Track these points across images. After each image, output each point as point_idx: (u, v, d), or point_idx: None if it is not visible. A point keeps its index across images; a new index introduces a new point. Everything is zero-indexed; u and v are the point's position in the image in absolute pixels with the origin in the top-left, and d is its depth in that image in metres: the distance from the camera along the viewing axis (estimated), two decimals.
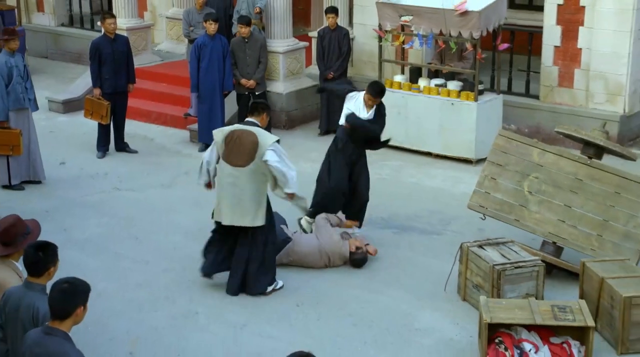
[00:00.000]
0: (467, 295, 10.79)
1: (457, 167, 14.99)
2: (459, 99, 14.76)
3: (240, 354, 9.87)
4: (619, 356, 9.68)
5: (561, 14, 15.35)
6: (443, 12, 14.32)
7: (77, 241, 12.34)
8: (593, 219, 11.11)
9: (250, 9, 16.17)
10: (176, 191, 14.22)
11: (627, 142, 15.38)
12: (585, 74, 15.36)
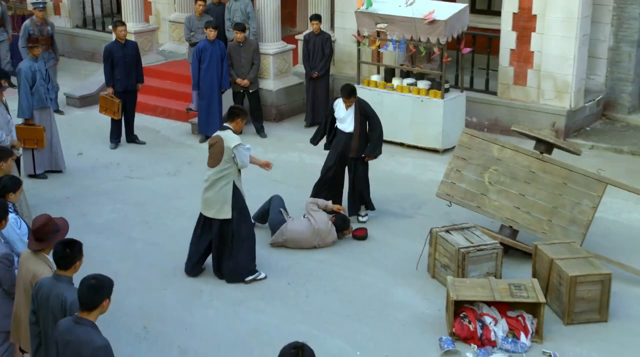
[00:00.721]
0: (436, 273, 10.84)
1: (426, 156, 14.93)
2: (427, 96, 14.76)
3: (239, 328, 9.89)
4: (565, 326, 9.85)
5: (516, 21, 15.35)
6: (414, 20, 14.27)
7: (94, 225, 12.33)
8: (544, 206, 11.16)
9: (244, 17, 16.08)
10: (181, 178, 14.14)
11: (572, 133, 15.49)
12: (537, 74, 15.40)
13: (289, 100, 16.76)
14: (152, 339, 9.54)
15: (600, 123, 16.22)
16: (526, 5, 15.20)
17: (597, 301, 9.89)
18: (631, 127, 16.07)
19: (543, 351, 9.39)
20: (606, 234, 12.02)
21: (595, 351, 9.47)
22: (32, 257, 7.57)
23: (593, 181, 11.11)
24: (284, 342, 9.49)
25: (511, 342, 9.43)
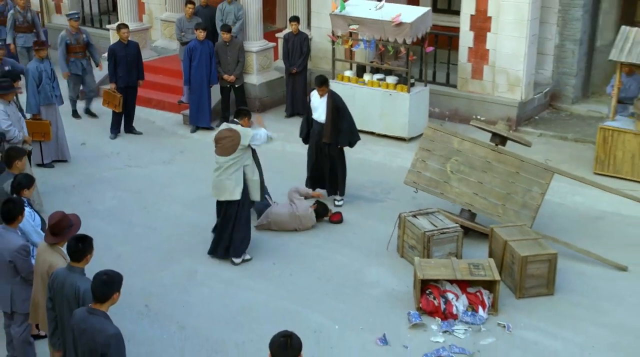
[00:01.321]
0: (404, 253, 10.91)
1: (394, 144, 14.90)
2: (395, 90, 14.76)
3: (231, 305, 9.93)
4: (517, 300, 9.99)
5: (473, 22, 15.34)
6: (382, 23, 14.27)
7: (98, 211, 12.28)
8: (499, 193, 11.21)
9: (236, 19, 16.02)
10: (174, 166, 14.09)
11: (523, 122, 15.51)
12: (492, 70, 15.40)
13: (270, 93, 16.73)
14: (153, 316, 9.57)
15: (548, 113, 16.25)
16: (482, 8, 15.18)
17: (544, 277, 10.03)
18: (574, 116, 16.08)
19: (498, 322, 9.53)
20: (553, 215, 12.05)
21: (542, 321, 9.61)
22: (49, 250, 7.63)
23: (542, 170, 11.19)
24: (271, 318, 9.56)
25: (470, 315, 9.57)
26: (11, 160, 9.24)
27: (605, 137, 13.27)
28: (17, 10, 15.93)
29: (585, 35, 15.92)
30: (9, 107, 11.46)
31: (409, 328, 9.46)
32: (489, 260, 10.04)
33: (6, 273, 8.09)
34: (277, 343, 5.74)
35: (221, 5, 16.24)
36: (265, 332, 8.95)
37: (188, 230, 11.70)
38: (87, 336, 6.35)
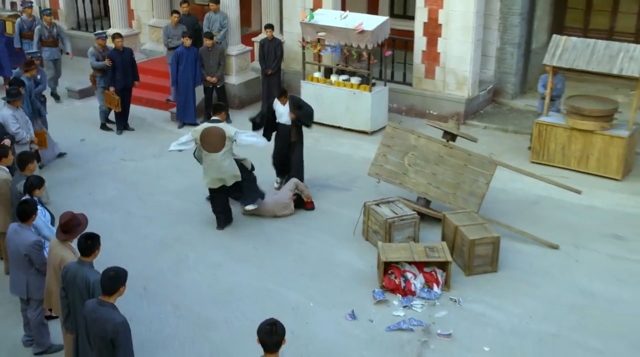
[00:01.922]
0: (369, 237, 10.94)
1: (358, 137, 14.88)
2: (358, 89, 14.77)
3: (219, 286, 9.96)
4: (466, 277, 10.11)
5: (426, 29, 15.38)
6: (347, 30, 14.29)
7: (99, 202, 12.19)
8: (450, 183, 11.28)
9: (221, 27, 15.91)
10: (164, 160, 13.81)
11: (470, 116, 15.57)
12: (443, 70, 15.45)
13: (248, 92, 16.67)
14: (151, 297, 9.59)
15: (491, 107, 16.31)
16: (434, 17, 15.23)
17: (489, 257, 10.16)
18: (514, 110, 16.15)
19: (450, 297, 9.65)
20: (495, 201, 12.02)
21: (488, 295, 9.72)
22: (60, 245, 7.66)
23: (486, 163, 11.30)
24: (254, 297, 9.68)
25: (427, 292, 9.67)
26: (24, 164, 9.15)
27: (540, 131, 13.36)
28: (44, 26, 15.64)
29: (523, 39, 16.00)
30: (17, 112, 11.35)
31: (374, 304, 9.52)
32: (442, 243, 10.14)
33: (22, 265, 8.12)
34: (264, 330, 5.79)
35: (208, 14, 16.11)
36: (249, 310, 9.37)
37: (179, 218, 11.65)
38: (98, 324, 6.44)
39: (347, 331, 9.06)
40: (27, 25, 16.09)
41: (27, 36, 16.13)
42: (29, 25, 16.10)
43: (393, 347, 8.80)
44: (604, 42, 12.86)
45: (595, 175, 13.10)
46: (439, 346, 8.82)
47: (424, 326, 9.13)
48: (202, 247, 10.91)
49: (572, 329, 9.08)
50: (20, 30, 16.15)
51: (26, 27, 16.08)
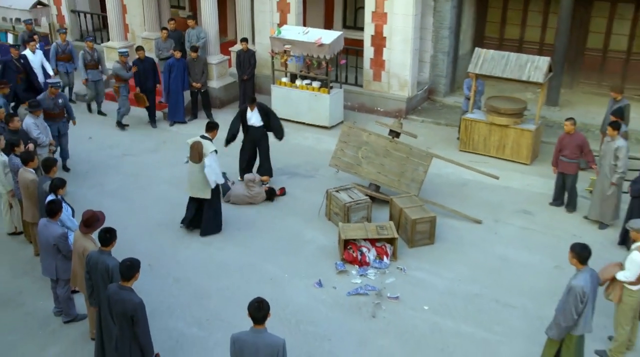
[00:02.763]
0: (331, 218, 11.01)
1: (319, 131, 14.83)
2: (319, 92, 14.82)
3: (210, 262, 9.97)
4: (409, 249, 10.24)
5: (373, 40, 15.39)
6: (308, 44, 14.34)
7: (107, 191, 12.11)
8: (395, 171, 11.36)
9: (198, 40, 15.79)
10: (159, 154, 13.75)
11: (410, 112, 15.65)
12: (387, 74, 15.52)
13: (227, 94, 16.63)
14: (155, 272, 9.60)
15: (426, 104, 16.34)
16: (379, 31, 15.27)
17: (428, 232, 10.35)
18: (445, 106, 16.15)
19: (397, 266, 9.82)
20: (432, 183, 12.07)
21: (426, 262, 9.94)
22: (83, 237, 7.78)
23: (424, 155, 11.37)
24: (239, 270, 9.84)
25: (378, 262, 9.85)
26: (48, 167, 9.15)
27: (466, 125, 13.51)
28: (86, 51, 15.15)
29: (451, 48, 16.11)
30: (38, 120, 11.23)
31: (336, 274, 9.65)
32: (390, 223, 10.25)
33: (51, 252, 8.21)
34: (253, 307, 6.03)
35: (188, 30, 16.04)
36: (237, 281, 9.47)
37: (174, 205, 11.43)
38: (119, 304, 6.63)
39: (316, 297, 9.18)
40: (62, 49, 15.51)
41: (62, 58, 15.58)
42: (63, 49, 15.52)
43: (353, 308, 8.94)
44: (515, 54, 13.04)
45: (510, 161, 13.19)
46: (389, 307, 8.99)
47: (376, 291, 9.26)
48: (195, 230, 10.76)
49: (491, 288, 9.34)
50: (55, 53, 15.56)
51: (60, 51, 15.50)
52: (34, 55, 14.62)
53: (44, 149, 11.27)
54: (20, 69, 13.81)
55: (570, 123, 11.06)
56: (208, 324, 8.66)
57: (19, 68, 13.78)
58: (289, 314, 8.80)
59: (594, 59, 16.19)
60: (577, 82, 16.46)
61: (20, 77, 13.72)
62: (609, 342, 8.28)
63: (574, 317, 7.06)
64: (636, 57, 15.79)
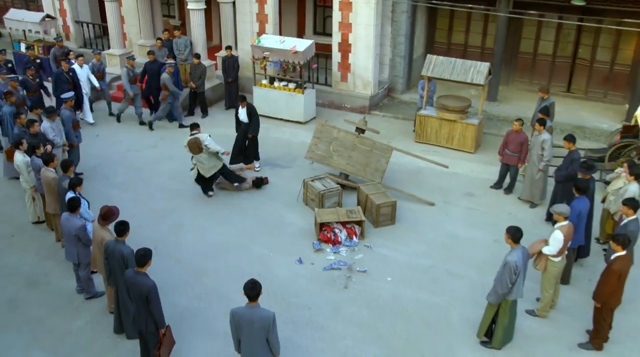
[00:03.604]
0: (308, 203, 11.06)
1: (295, 126, 14.73)
2: (294, 92, 14.82)
3: (206, 244, 10.00)
4: (375, 229, 10.36)
5: (340, 47, 15.44)
6: (284, 51, 14.36)
7: (115, 184, 12.00)
8: (361, 162, 11.45)
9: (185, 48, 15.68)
10: (158, 150, 13.55)
11: (373, 108, 15.61)
12: (353, 76, 15.57)
13: (214, 94, 16.49)
14: (160, 254, 9.56)
15: (387, 100, 16.32)
16: (345, 39, 15.33)
17: (389, 214, 10.50)
18: (402, 102, 16.13)
19: (364, 244, 9.97)
20: (392, 171, 12.15)
21: (389, 240, 10.07)
22: (101, 228, 7.91)
23: (386, 148, 11.49)
24: (232, 250, 9.83)
25: (349, 241, 9.99)
26: (66, 168, 9.23)
27: (420, 120, 13.62)
28: (129, 68, 14.65)
29: (407, 52, 16.20)
30: (54, 123, 11.10)
31: (313, 252, 9.79)
32: (358, 207, 10.34)
33: (73, 241, 8.35)
34: (247, 287, 6.27)
35: (175, 39, 15.93)
36: (230, 260, 9.51)
37: (173, 195, 11.51)
38: (136, 287, 6.83)
39: (297, 272, 9.32)
40: (97, 68, 15.06)
41: (97, 77, 15.12)
42: (98, 68, 15.06)
43: (328, 281, 9.14)
44: (461, 60, 13.25)
45: (457, 150, 13.32)
46: (358, 279, 9.18)
47: (347, 265, 9.42)
48: (192, 215, 10.86)
49: (443, 261, 9.58)
50: (91, 72, 15.08)
51: (96, 69, 15.05)
52: (81, 69, 14.36)
53: (58, 149, 11.25)
54: (69, 80, 13.64)
55: (518, 123, 11.24)
56: (207, 298, 8.78)
57: (68, 80, 13.59)
58: (275, 288, 8.92)
59: (526, 61, 16.55)
60: (512, 80, 16.80)
61: (69, 88, 13.52)
62: (536, 302, 8.71)
63: (509, 286, 7.52)
64: (560, 60, 16.22)
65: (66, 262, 9.21)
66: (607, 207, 9.80)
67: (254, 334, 6.32)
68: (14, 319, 8.40)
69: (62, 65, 13.81)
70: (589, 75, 15.83)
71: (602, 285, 7.56)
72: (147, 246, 9.04)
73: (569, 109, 15.26)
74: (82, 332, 8.17)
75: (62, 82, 13.64)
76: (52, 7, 19.25)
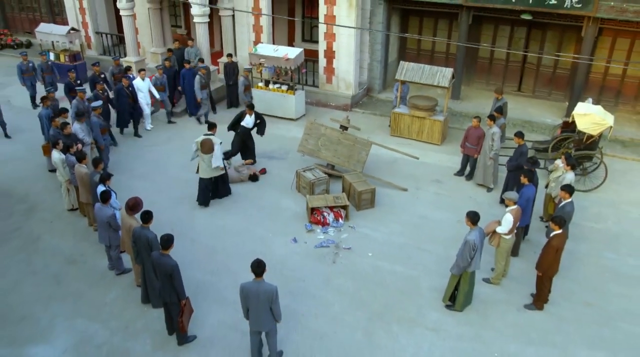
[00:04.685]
0: (300, 190, 11.12)
1: (287, 123, 14.64)
2: (286, 93, 14.72)
3: (215, 227, 10.01)
4: (357, 212, 10.39)
5: (326, 53, 15.46)
6: (278, 58, 14.40)
7: (137, 174, 11.93)
8: (345, 154, 11.50)
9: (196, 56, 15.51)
10: (171, 144, 13.45)
11: (354, 106, 15.67)
12: (337, 78, 15.62)
13: (217, 95, 16.34)
14: (177, 235, 8.81)
15: (366, 99, 16.30)
16: (330, 47, 15.39)
17: (370, 200, 10.56)
18: (379, 101, 16.10)
19: (349, 225, 10.03)
20: (371, 161, 12.16)
21: (370, 222, 10.11)
22: (128, 217, 8.02)
23: (366, 143, 11.55)
24: (237, 233, 9.89)
25: (336, 223, 10.05)
26: (97, 164, 9.27)
27: (395, 117, 13.72)
28: (201, 76, 14.25)
29: (383, 57, 16.21)
30: (82, 125, 11.14)
31: (306, 232, 9.85)
32: (343, 194, 10.50)
33: (105, 227, 8.54)
34: (254, 265, 6.46)
35: (187, 48, 15.88)
36: (237, 241, 9.57)
37: (186, 184, 11.41)
38: (161, 266, 7.02)
39: (292, 250, 9.39)
40: (160, 81, 14.44)
41: (158, 89, 14.54)
42: (161, 81, 14.45)
43: (319, 257, 9.25)
44: (428, 66, 13.34)
45: (426, 142, 13.42)
46: (344, 255, 9.31)
47: (335, 244, 9.52)
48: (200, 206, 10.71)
49: (415, 239, 9.71)
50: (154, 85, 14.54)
51: (159, 83, 14.46)
52: (143, 82, 13.72)
53: (87, 147, 11.33)
54: (130, 95, 13.36)
55: (476, 120, 11.36)
56: (218, 273, 8.89)
57: (128, 94, 13.34)
58: (274, 263, 8.97)
59: (484, 64, 16.77)
60: (473, 81, 17.01)
61: (129, 102, 13.35)
62: (491, 272, 9.04)
63: (468, 260, 7.90)
64: (512, 64, 16.47)
65: (98, 244, 9.38)
66: (549, 193, 10.20)
67: (260, 304, 6.53)
68: (60, 291, 8.58)
69: (122, 81, 13.35)
70: (536, 77, 16.11)
71: (543, 257, 7.98)
72: (166, 228, 9.62)
73: (519, 106, 15.56)
74: (115, 302, 8.36)
75: (123, 97, 13.31)
76: (75, 20, 19.17)
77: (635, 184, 11.89)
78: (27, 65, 15.12)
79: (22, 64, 15.23)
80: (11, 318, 8.03)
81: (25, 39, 21.82)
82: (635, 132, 13.95)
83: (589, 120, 11.06)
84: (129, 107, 13.60)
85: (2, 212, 10.65)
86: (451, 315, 8.13)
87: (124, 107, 13.42)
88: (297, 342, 7.58)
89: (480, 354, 7.55)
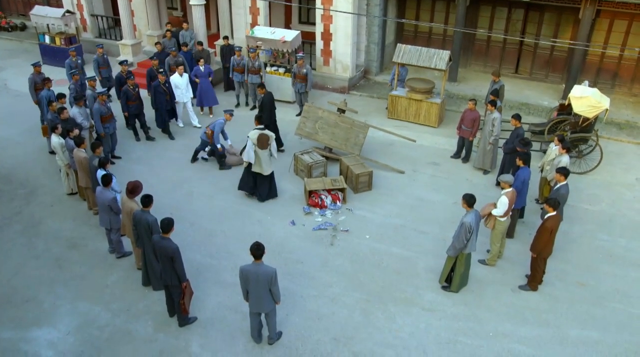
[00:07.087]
0: (298, 173, 11.16)
1: (285, 105, 14.52)
2: (284, 76, 14.72)
3: (214, 209, 10.02)
4: (355, 194, 10.45)
5: (323, 36, 15.41)
6: (275, 41, 14.34)
7: (133, 159, 11.87)
8: (343, 137, 11.53)
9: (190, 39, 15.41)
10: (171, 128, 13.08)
11: (352, 88, 15.64)
12: (334, 61, 15.53)
13: (215, 77, 16.14)
14: (176, 218, 9.47)
15: (363, 81, 16.26)
16: (327, 29, 15.30)
17: (367, 182, 10.61)
18: (377, 83, 16.09)
19: (346, 207, 10.09)
20: (369, 144, 12.23)
21: (367, 204, 10.16)
22: (129, 200, 8.03)
23: (363, 125, 11.61)
24: (236, 215, 10.05)
25: (333, 205, 10.13)
26: (95, 148, 9.23)
27: (392, 99, 13.72)
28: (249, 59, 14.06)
29: (380, 40, 16.19)
30: (81, 109, 11.06)
31: (304, 215, 9.89)
32: (340, 177, 10.49)
33: (106, 210, 8.58)
34: (253, 248, 6.53)
35: (182, 31, 15.80)
36: (235, 223, 9.60)
37: (183, 167, 11.42)
38: (162, 249, 7.09)
39: (291, 232, 9.45)
40: (237, 62, 14.23)
41: (237, 69, 14.41)
42: (238, 62, 14.23)
43: (317, 239, 9.32)
44: (425, 48, 13.34)
45: (423, 125, 13.45)
46: (342, 237, 9.38)
47: (333, 226, 9.57)
48: (200, 185, 10.82)
49: (412, 221, 9.78)
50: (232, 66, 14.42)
51: (235, 64, 14.32)
52: (181, 77, 13.25)
53: (86, 131, 11.33)
54: (167, 92, 13.00)
55: (472, 103, 11.34)
56: (217, 255, 8.96)
57: (165, 91, 12.98)
58: (273, 246, 9.05)
59: (481, 47, 16.70)
60: (470, 63, 16.96)
61: (166, 99, 12.95)
62: (486, 254, 9.17)
63: (464, 242, 8.00)
64: (510, 46, 16.42)
65: (99, 228, 9.50)
66: (544, 176, 10.28)
67: (259, 286, 6.64)
68: (62, 274, 8.64)
69: (159, 78, 12.84)
70: (533, 59, 16.08)
71: (537, 239, 8.10)
72: (165, 212, 9.78)
73: (516, 88, 15.56)
74: (116, 285, 8.45)
75: (160, 94, 12.88)
76: (70, 2, 18.92)
77: (630, 166, 11.97)
78: (75, 62, 13.91)
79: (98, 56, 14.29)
80: (15, 301, 8.14)
81: (19, 22, 21.63)
82: (631, 115, 13.98)
83: (585, 103, 11.10)
84: (169, 104, 12.98)
85: (3, 197, 10.68)
86: (447, 295, 8.22)
87: (162, 105, 12.71)
88: (296, 323, 7.68)
89: (476, 333, 7.68)
